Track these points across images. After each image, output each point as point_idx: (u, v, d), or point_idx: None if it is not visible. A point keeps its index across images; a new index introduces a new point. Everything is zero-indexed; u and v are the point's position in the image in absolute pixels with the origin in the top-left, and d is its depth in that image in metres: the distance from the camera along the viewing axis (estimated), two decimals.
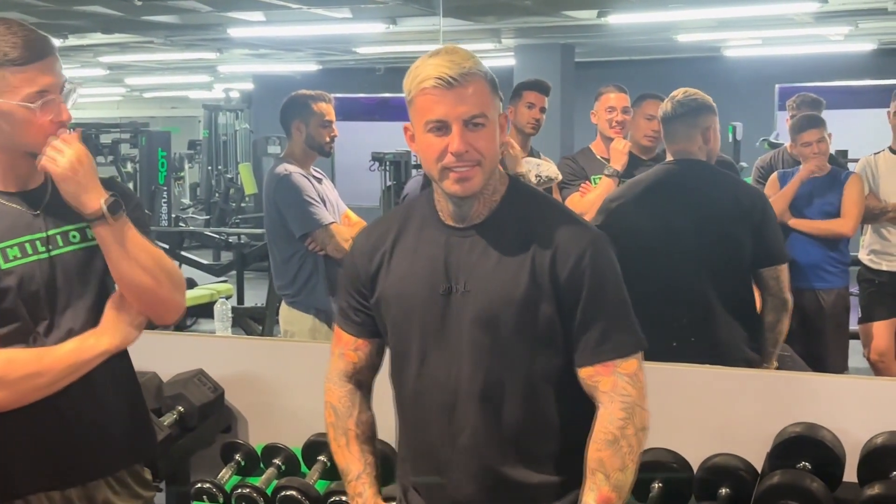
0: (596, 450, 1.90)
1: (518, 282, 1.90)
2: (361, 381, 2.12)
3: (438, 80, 1.86)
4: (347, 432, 2.10)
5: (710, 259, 3.29)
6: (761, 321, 3.32)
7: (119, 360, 2.17)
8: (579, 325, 1.91)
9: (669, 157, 3.49)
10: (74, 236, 2.10)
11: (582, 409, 1.94)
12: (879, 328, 4.96)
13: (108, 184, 2.14)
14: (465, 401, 1.93)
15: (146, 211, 2.34)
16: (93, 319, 2.10)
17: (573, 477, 1.93)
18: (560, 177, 4.28)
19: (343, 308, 2.11)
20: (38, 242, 2.07)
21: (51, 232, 2.08)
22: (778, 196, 4.71)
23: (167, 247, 9.66)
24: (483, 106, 1.89)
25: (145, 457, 2.27)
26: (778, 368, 3.96)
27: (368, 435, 2.11)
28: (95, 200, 2.02)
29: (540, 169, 3.95)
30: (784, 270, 3.30)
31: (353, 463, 2.09)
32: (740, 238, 3.26)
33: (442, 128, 1.88)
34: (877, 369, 4.99)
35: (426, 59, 1.90)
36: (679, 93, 3.45)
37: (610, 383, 1.91)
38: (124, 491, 2.19)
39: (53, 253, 2.07)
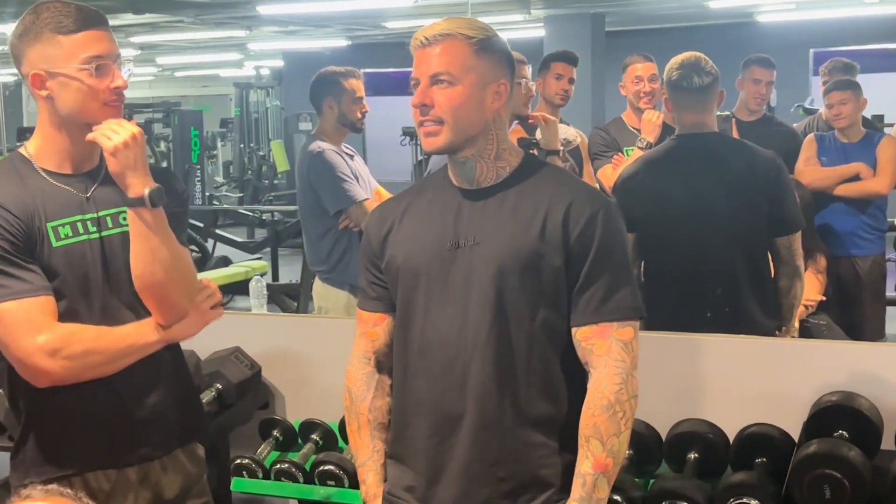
0: (591, 415, 1.90)
1: (529, 234, 1.93)
2: (382, 361, 2.11)
3: (416, 40, 1.96)
4: (360, 417, 2.11)
5: (731, 228, 3.26)
6: (774, 288, 3.29)
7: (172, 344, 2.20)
8: (583, 282, 1.93)
9: (679, 130, 3.42)
10: (125, 218, 2.11)
11: (583, 380, 1.95)
12: None
13: (163, 173, 2.19)
14: (471, 353, 1.94)
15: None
16: (140, 303, 2.11)
17: (571, 442, 1.93)
18: (579, 139, 4.28)
19: (362, 287, 2.14)
20: (88, 223, 2.09)
21: (101, 213, 2.10)
22: (826, 173, 4.66)
23: (202, 225, 9.74)
24: (450, 65, 1.93)
25: (197, 436, 2.28)
26: (814, 337, 3.94)
27: (381, 421, 2.11)
28: (141, 185, 2.04)
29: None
30: (797, 238, 3.27)
31: (363, 449, 2.11)
32: (757, 205, 3.23)
33: (417, 85, 1.96)
34: None
35: None
36: (682, 60, 3.33)
37: (605, 347, 1.92)
38: (174, 467, 2.21)
39: (104, 234, 2.10)
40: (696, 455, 2.64)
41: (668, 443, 2.70)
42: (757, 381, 2.79)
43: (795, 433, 2.61)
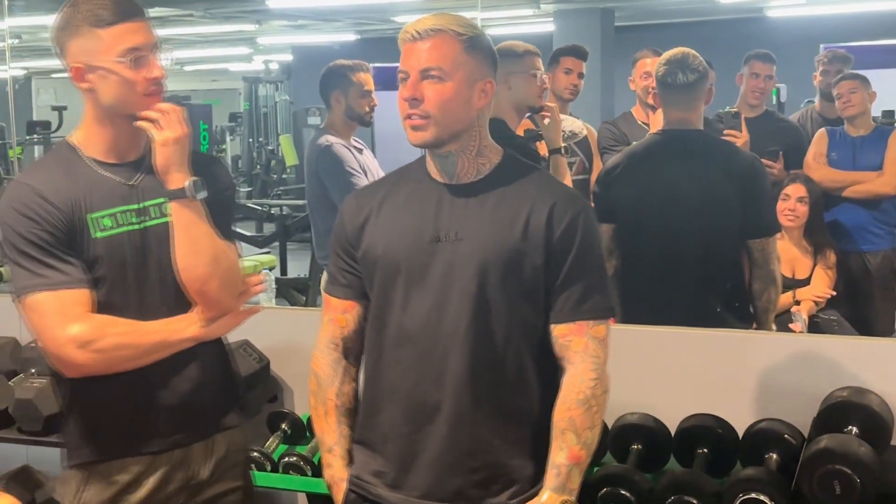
0: (566, 409, 1.95)
1: (512, 233, 1.96)
2: (349, 347, 2.13)
3: (406, 34, 1.98)
4: (326, 402, 2.13)
5: (702, 226, 3.26)
6: (749, 291, 3.30)
7: None
8: (562, 282, 1.97)
9: (664, 125, 3.41)
10: (168, 208, 2.12)
11: (553, 374, 1.99)
12: None
13: (210, 161, 2.21)
14: (449, 345, 1.96)
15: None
16: (182, 295, 2.12)
17: (542, 434, 1.97)
18: (585, 131, 4.27)
19: (331, 273, 2.16)
20: (131, 213, 2.10)
21: (145, 203, 2.12)
22: (835, 175, 4.64)
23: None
24: (441, 60, 1.95)
25: (235, 421, 2.29)
26: (824, 332, 3.94)
27: (347, 407, 2.13)
28: (182, 178, 2.06)
29: (563, 124, 3.94)
30: (771, 242, 3.27)
31: (328, 434, 2.13)
32: (731, 206, 3.23)
33: (406, 78, 1.98)
34: None
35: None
36: (670, 56, 3.31)
37: (582, 344, 1.97)
38: (209, 452, 2.22)
39: (147, 224, 2.11)
40: (706, 450, 2.63)
41: (677, 438, 2.70)
42: (767, 377, 2.78)
43: (805, 429, 2.60)
